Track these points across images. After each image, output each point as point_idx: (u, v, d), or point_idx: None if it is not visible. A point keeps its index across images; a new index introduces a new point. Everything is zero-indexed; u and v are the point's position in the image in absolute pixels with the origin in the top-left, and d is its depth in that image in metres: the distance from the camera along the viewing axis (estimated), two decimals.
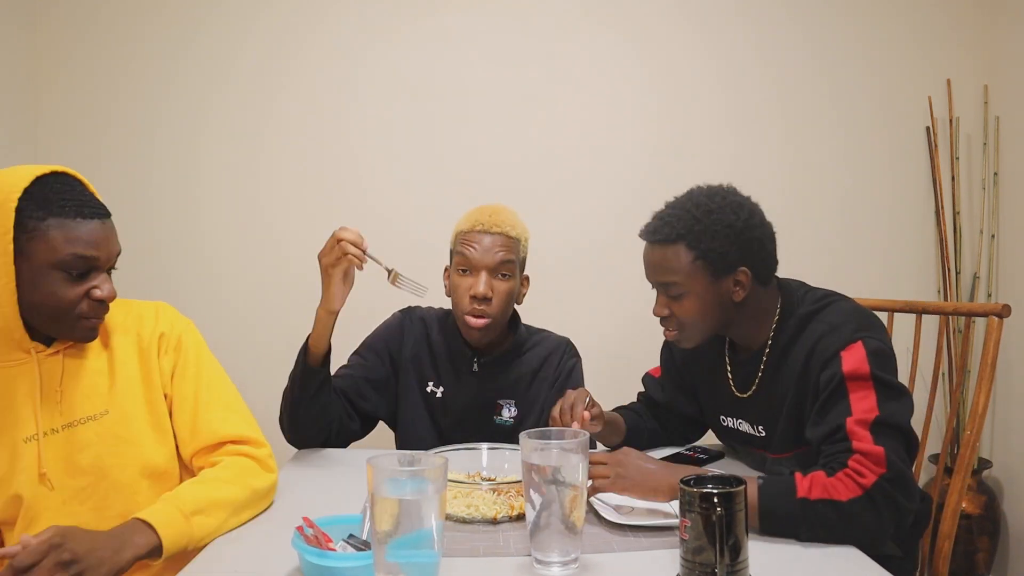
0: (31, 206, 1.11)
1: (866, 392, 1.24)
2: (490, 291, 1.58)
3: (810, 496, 1.14)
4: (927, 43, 2.56)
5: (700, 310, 1.38)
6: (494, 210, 1.63)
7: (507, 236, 1.60)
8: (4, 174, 1.14)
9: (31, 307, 1.14)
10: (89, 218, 1.15)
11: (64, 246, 1.12)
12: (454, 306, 1.64)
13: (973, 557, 2.39)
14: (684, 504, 0.93)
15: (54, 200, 1.13)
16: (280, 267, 2.50)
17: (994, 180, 2.55)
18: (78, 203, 1.14)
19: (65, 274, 1.14)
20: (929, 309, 1.74)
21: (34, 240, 1.11)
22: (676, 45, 2.53)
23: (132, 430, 1.24)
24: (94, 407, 1.23)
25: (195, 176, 2.51)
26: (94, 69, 2.49)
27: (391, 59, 2.50)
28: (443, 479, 0.91)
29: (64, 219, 1.13)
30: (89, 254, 1.14)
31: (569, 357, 1.73)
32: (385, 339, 1.71)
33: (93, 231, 1.15)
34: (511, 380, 1.68)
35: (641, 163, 2.52)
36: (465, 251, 1.59)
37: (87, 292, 1.16)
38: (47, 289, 1.13)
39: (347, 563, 0.98)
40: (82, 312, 1.17)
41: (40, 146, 2.47)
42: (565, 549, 1.01)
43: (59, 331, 1.19)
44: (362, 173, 2.52)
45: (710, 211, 1.36)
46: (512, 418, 1.67)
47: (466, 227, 1.61)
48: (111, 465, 1.22)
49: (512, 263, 1.61)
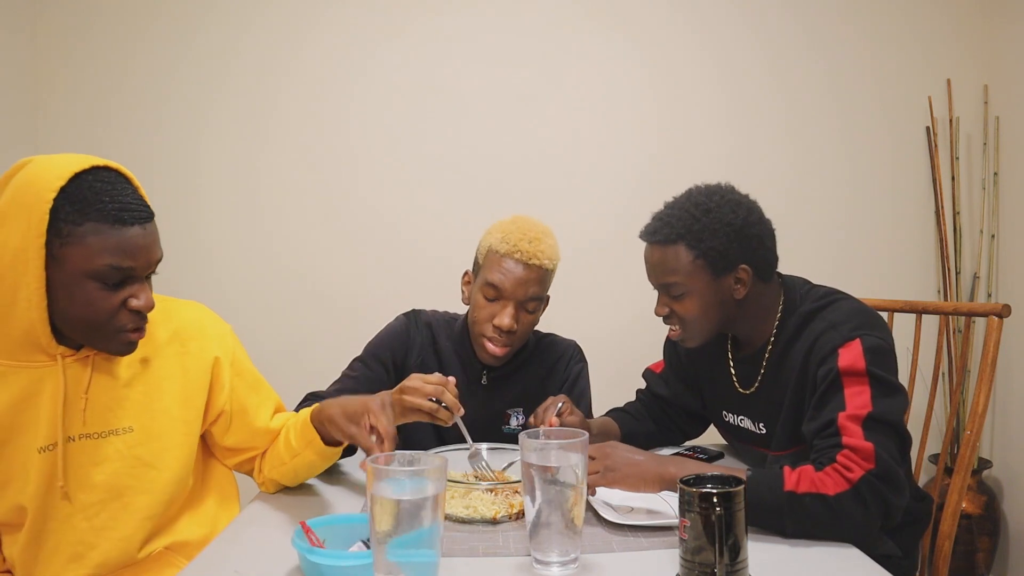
0: (67, 208, 1.02)
1: (861, 388, 1.24)
2: (515, 324, 1.51)
3: (797, 489, 1.13)
4: (927, 43, 2.56)
5: (702, 309, 1.38)
6: (534, 236, 1.52)
7: (544, 269, 1.52)
8: (40, 168, 1.05)
9: (63, 316, 1.07)
10: (129, 224, 1.05)
11: (100, 255, 1.04)
12: (473, 324, 1.57)
13: (973, 557, 2.39)
14: (684, 504, 0.93)
15: (92, 202, 1.03)
16: (280, 267, 2.51)
17: (994, 180, 2.55)
18: (119, 206, 1.05)
19: (100, 284, 1.05)
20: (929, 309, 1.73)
21: (68, 246, 1.03)
22: (676, 45, 2.53)
23: (156, 452, 1.18)
24: (118, 421, 1.16)
25: (195, 176, 2.51)
26: (94, 69, 2.49)
27: (391, 59, 2.50)
28: (443, 479, 0.91)
29: (101, 224, 1.03)
30: (126, 264, 1.06)
31: (576, 362, 1.70)
32: (390, 346, 1.64)
33: (132, 239, 1.06)
34: (520, 390, 1.64)
35: (641, 163, 2.52)
36: (496, 278, 1.50)
37: (123, 302, 1.08)
38: (81, 298, 1.05)
39: (347, 563, 0.98)
40: (119, 324, 1.08)
41: (40, 146, 2.47)
42: (565, 549, 1.01)
43: (94, 343, 1.11)
44: (362, 173, 2.52)
45: (709, 210, 1.36)
46: (520, 426, 1.62)
47: (502, 249, 1.51)
48: (126, 486, 1.16)
49: (541, 296, 1.56)
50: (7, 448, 1.11)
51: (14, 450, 1.11)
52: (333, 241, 2.51)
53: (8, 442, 1.11)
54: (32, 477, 1.11)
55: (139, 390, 1.18)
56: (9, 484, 1.12)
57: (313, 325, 2.48)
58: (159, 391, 1.20)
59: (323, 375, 1.66)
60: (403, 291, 2.25)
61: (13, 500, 1.12)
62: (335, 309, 2.47)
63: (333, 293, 2.49)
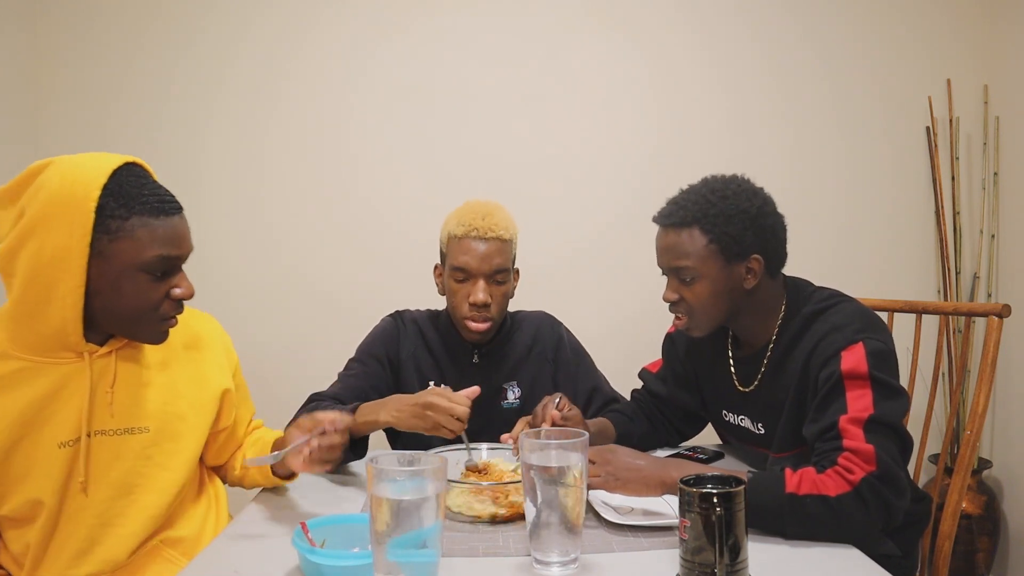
0: (112, 204, 1.04)
1: (863, 391, 1.24)
2: (489, 298, 1.59)
3: (798, 491, 1.14)
4: (927, 43, 2.56)
5: (712, 295, 1.38)
6: (486, 212, 1.61)
7: (501, 240, 1.60)
8: (76, 168, 1.05)
9: (106, 310, 1.09)
10: (171, 214, 1.08)
11: (151, 246, 1.06)
12: (452, 309, 1.65)
13: (973, 557, 2.39)
14: (684, 504, 0.93)
15: (135, 196, 1.05)
16: (279, 266, 2.50)
17: (994, 180, 2.55)
18: (158, 198, 1.07)
19: (150, 275, 1.08)
20: (929, 309, 1.74)
21: (118, 241, 1.05)
22: (675, 45, 2.53)
23: (168, 453, 1.20)
24: (136, 419, 1.17)
25: (195, 175, 2.50)
26: (94, 69, 2.48)
27: (391, 59, 2.50)
28: (443, 479, 0.91)
29: (147, 217, 1.06)
30: (174, 253, 1.09)
31: (557, 326, 1.78)
32: (383, 343, 1.70)
33: (176, 228, 1.09)
34: (511, 363, 1.71)
35: (640, 164, 2.52)
36: (460, 259, 1.59)
37: (167, 292, 1.11)
38: (130, 291, 1.07)
39: (347, 562, 0.98)
40: (163, 313, 1.12)
41: (40, 146, 2.47)
42: (565, 549, 1.01)
43: (132, 332, 1.14)
44: (362, 173, 2.52)
45: (725, 196, 1.37)
46: (517, 399, 1.70)
47: (459, 232, 1.60)
48: (136, 484, 1.17)
49: (507, 267, 1.62)
50: (26, 443, 1.11)
51: (34, 445, 1.12)
52: (333, 241, 2.51)
53: (27, 437, 1.11)
54: (52, 472, 1.12)
55: (157, 391, 1.20)
56: (27, 478, 1.12)
57: (313, 325, 2.47)
58: (174, 394, 1.22)
59: (322, 375, 1.67)
60: (403, 291, 2.24)
61: (31, 494, 1.12)
62: (334, 309, 2.47)
63: (333, 293, 2.49)
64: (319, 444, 1.15)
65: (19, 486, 1.12)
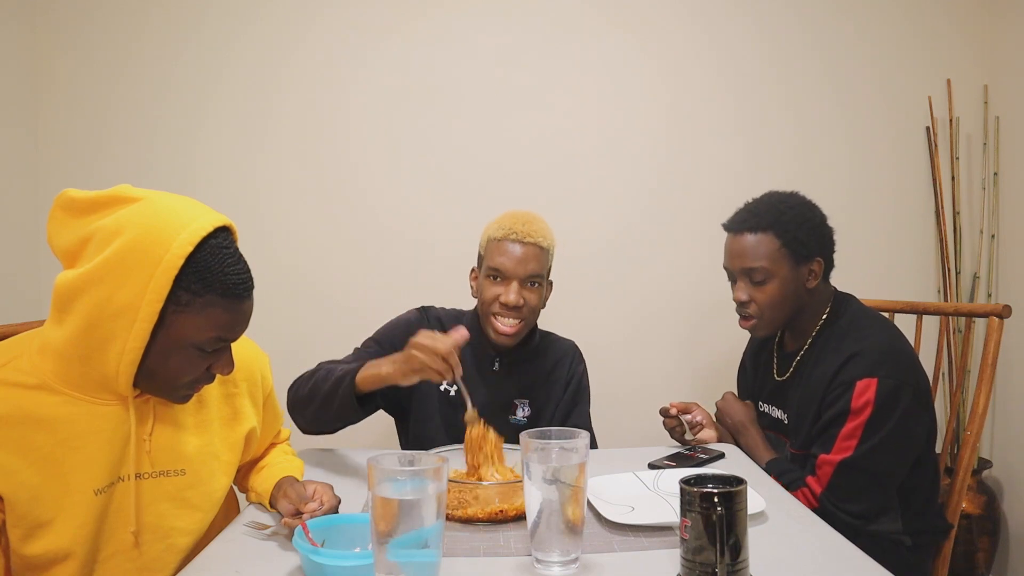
0: (191, 276, 0.99)
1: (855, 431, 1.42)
2: (521, 300, 1.61)
3: None
4: (927, 43, 2.56)
5: (781, 294, 1.55)
6: (527, 219, 1.65)
7: (539, 247, 1.63)
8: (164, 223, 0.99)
9: (148, 371, 1.04)
10: (243, 299, 1.04)
11: (213, 328, 1.02)
12: (481, 306, 1.67)
13: (973, 557, 2.39)
14: (685, 504, 0.93)
15: (216, 272, 1.00)
16: (279, 266, 2.50)
17: (994, 180, 2.55)
18: (236, 280, 1.03)
19: (199, 352, 1.04)
20: (929, 309, 1.74)
21: (184, 314, 1.00)
22: (677, 45, 2.53)
23: (203, 495, 1.18)
24: (171, 462, 1.14)
25: (194, 175, 2.50)
26: (94, 69, 2.48)
27: (392, 58, 2.50)
28: (443, 479, 0.91)
29: (221, 298, 1.01)
30: (229, 336, 1.05)
31: (579, 362, 1.81)
32: (405, 333, 1.61)
33: (243, 312, 1.05)
34: (528, 380, 1.72)
35: (643, 166, 2.51)
36: (498, 260, 1.62)
37: (209, 366, 1.07)
38: (176, 362, 1.03)
39: (347, 563, 0.98)
40: (197, 384, 1.09)
41: (40, 146, 2.47)
42: (565, 549, 1.01)
43: (158, 392, 1.09)
44: (362, 173, 2.51)
45: (792, 206, 1.58)
46: (526, 417, 1.70)
47: (499, 235, 1.63)
48: (172, 527, 1.14)
49: (541, 274, 1.65)
50: (56, 484, 1.04)
51: (64, 488, 1.05)
52: (333, 241, 2.50)
53: (59, 479, 1.04)
54: (84, 518, 1.06)
55: (193, 432, 1.18)
56: (55, 522, 1.05)
57: (312, 325, 2.47)
58: (209, 434, 1.20)
59: None
60: (403, 290, 2.25)
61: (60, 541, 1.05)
62: (334, 309, 2.47)
63: (332, 293, 2.49)
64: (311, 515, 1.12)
65: (45, 530, 1.05)
